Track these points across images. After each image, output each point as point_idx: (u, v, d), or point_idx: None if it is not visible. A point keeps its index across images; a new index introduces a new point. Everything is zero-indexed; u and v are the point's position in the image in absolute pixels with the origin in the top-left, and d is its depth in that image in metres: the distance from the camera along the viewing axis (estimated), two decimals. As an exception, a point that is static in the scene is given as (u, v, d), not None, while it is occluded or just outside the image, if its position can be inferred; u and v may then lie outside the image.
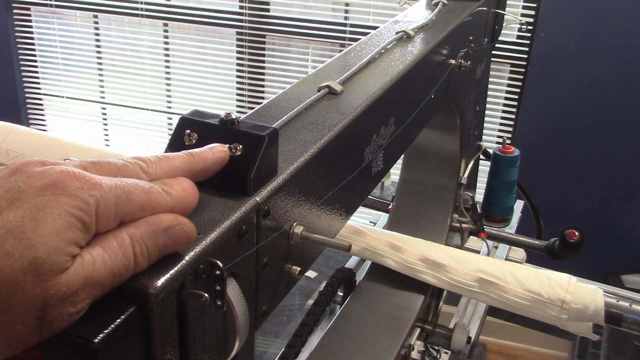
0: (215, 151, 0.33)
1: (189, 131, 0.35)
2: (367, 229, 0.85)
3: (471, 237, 1.04)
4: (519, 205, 1.23)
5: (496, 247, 1.13)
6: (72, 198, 0.25)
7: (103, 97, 2.73)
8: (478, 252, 1.07)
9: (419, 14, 0.76)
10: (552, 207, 1.16)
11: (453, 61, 0.72)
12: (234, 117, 0.35)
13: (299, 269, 0.41)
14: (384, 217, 1.15)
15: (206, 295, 0.29)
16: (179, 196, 0.30)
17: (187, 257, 0.29)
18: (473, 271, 0.78)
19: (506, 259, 1.09)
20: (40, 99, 2.79)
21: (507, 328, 2.22)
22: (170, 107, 2.66)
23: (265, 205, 0.35)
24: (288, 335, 0.82)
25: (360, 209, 0.59)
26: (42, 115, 2.82)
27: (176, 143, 0.36)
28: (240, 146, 0.34)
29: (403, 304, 0.83)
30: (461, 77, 0.80)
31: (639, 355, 1.29)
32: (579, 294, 0.74)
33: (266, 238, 0.36)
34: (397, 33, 0.66)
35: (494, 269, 0.78)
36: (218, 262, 0.30)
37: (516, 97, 2.18)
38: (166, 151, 0.36)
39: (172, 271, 0.28)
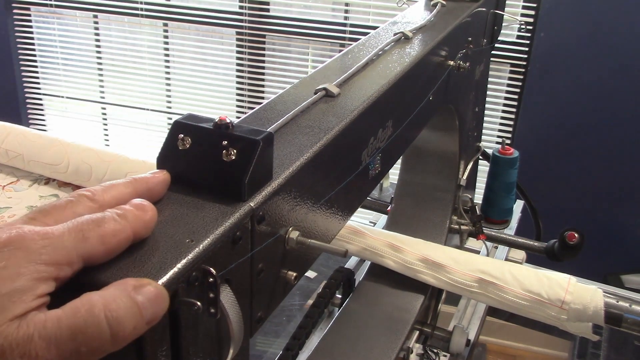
0: (157, 174, 0.34)
1: (182, 136, 0.35)
2: (366, 229, 0.85)
3: (471, 237, 1.04)
4: (518, 205, 1.23)
5: (496, 248, 1.12)
6: (27, 252, 0.26)
7: (103, 97, 2.73)
8: (478, 252, 1.07)
9: (417, 15, 0.75)
10: (552, 208, 1.16)
11: (452, 62, 0.72)
12: (228, 121, 0.35)
13: (294, 274, 0.40)
14: (383, 218, 1.15)
15: (199, 303, 0.29)
16: (134, 216, 0.29)
17: (179, 265, 0.29)
18: (473, 271, 0.78)
19: (506, 260, 1.09)
20: (40, 99, 2.79)
21: (507, 328, 2.22)
22: (170, 107, 2.66)
23: (260, 210, 0.35)
24: (288, 335, 0.81)
25: (360, 210, 0.59)
26: (42, 115, 2.82)
27: (170, 147, 0.35)
28: (235, 150, 0.34)
29: (402, 305, 0.83)
30: (460, 79, 0.80)
31: (639, 355, 1.29)
32: (579, 294, 0.73)
33: (261, 244, 0.35)
34: (395, 34, 0.65)
35: (494, 269, 0.78)
36: (211, 269, 0.30)
37: (516, 97, 2.17)
38: (160, 154, 0.36)
39: (164, 279, 0.28)
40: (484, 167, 1.09)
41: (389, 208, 0.99)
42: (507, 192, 1.05)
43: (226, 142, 0.34)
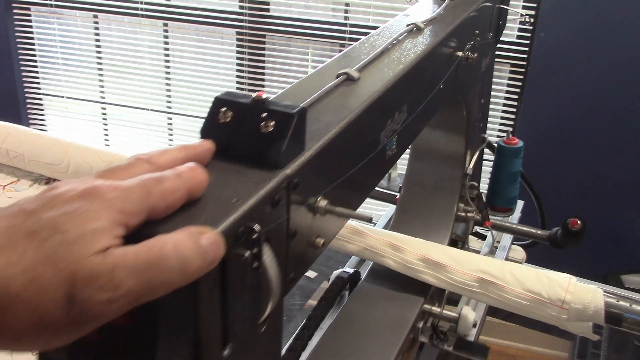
0: (204, 142, 0.37)
1: (224, 109, 0.38)
2: (367, 229, 0.85)
3: (471, 237, 1.04)
4: (519, 204, 1.23)
5: (496, 247, 1.13)
6: (104, 200, 0.29)
7: (103, 97, 2.73)
8: (478, 252, 1.07)
9: (427, 8, 0.79)
10: (551, 208, 1.16)
11: (460, 53, 0.75)
12: (264, 97, 0.38)
13: (322, 240, 0.44)
14: (383, 218, 1.15)
15: (247, 253, 0.32)
16: (190, 176, 0.33)
17: (229, 219, 0.31)
18: (473, 271, 0.78)
19: (506, 259, 1.09)
20: (40, 99, 2.79)
21: (507, 328, 2.21)
22: (170, 107, 2.66)
23: (295, 177, 0.37)
24: (288, 335, 0.82)
25: (367, 201, 0.62)
26: (42, 115, 2.82)
27: (211, 122, 0.38)
28: (273, 122, 0.37)
29: (403, 305, 0.84)
30: (468, 70, 0.82)
31: (639, 355, 1.29)
32: (579, 294, 0.74)
33: (296, 209, 0.39)
34: (407, 25, 0.68)
35: (494, 269, 0.78)
36: (256, 225, 0.33)
37: (516, 97, 2.18)
38: (203, 127, 0.39)
39: (217, 231, 0.31)
40: (487, 164, 1.10)
41: (397, 197, 1.01)
42: (512, 181, 1.06)
43: (265, 114, 0.37)
